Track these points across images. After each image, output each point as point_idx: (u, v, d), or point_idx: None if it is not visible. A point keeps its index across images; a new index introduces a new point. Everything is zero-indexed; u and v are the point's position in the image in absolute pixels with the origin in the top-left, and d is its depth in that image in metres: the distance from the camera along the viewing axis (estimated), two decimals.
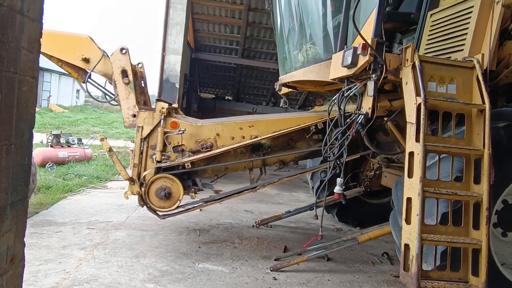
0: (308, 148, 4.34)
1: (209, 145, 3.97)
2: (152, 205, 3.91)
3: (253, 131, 4.05)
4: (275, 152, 4.32)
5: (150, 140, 3.91)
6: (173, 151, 3.94)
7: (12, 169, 1.39)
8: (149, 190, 3.89)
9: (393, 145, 4.16)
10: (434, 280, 2.45)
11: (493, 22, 2.79)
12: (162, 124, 3.88)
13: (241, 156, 4.25)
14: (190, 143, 3.98)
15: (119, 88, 3.91)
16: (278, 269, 3.80)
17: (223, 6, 10.45)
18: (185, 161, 3.93)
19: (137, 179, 3.89)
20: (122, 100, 3.92)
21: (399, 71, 2.88)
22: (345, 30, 3.47)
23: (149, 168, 3.90)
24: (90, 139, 10.97)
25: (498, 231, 3.00)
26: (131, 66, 3.92)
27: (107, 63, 3.96)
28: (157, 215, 4.06)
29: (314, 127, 4.15)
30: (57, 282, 3.17)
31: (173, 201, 3.92)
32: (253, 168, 4.37)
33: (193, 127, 3.98)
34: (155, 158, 3.89)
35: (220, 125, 4.05)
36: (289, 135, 4.25)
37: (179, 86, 7.03)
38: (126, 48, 3.92)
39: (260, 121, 4.11)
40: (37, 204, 5.45)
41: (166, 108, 3.87)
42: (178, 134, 3.90)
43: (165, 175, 3.89)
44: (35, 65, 1.51)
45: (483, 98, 2.64)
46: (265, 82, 14.31)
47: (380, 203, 5.49)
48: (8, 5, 1.26)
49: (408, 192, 2.53)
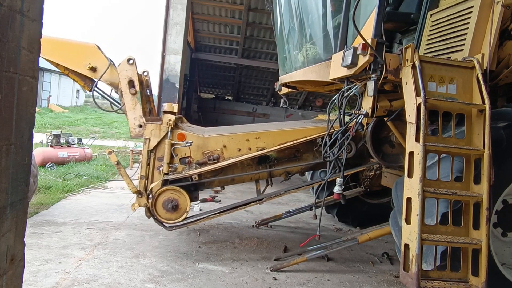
0: (314, 160, 4.34)
1: (216, 156, 3.97)
2: (159, 217, 3.90)
3: (259, 143, 4.05)
4: (281, 164, 4.32)
5: (157, 152, 3.90)
6: (180, 163, 3.94)
7: (12, 169, 1.39)
8: (156, 202, 3.88)
9: (399, 157, 4.16)
10: (434, 280, 2.44)
11: (493, 22, 2.79)
12: (169, 136, 3.87)
13: (247, 168, 4.25)
14: (197, 155, 3.97)
15: (125, 99, 3.91)
16: (278, 269, 3.80)
17: (223, 6, 10.45)
18: (192, 173, 3.93)
19: (144, 191, 3.87)
20: (128, 110, 3.91)
21: (399, 71, 2.88)
22: (345, 30, 3.47)
23: (156, 180, 3.89)
24: (90, 139, 10.97)
25: (498, 231, 3.00)
26: (137, 76, 3.92)
27: (113, 72, 3.96)
28: (164, 227, 4.05)
29: (321, 140, 4.13)
30: (57, 282, 3.18)
31: (180, 213, 3.92)
32: (260, 179, 4.36)
33: (200, 138, 3.98)
34: (162, 170, 3.87)
35: (227, 137, 4.05)
36: (296, 147, 4.26)
37: (179, 86, 7.02)
38: (133, 58, 3.92)
39: (266, 133, 4.10)
40: (37, 204, 5.45)
41: (173, 120, 3.87)
42: (185, 146, 3.90)
43: (172, 187, 3.89)
44: (35, 65, 1.51)
45: (483, 98, 2.64)
46: (265, 82, 14.30)
47: (380, 203, 5.48)
48: (8, 5, 1.26)
49: (408, 192, 2.53)
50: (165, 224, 4.02)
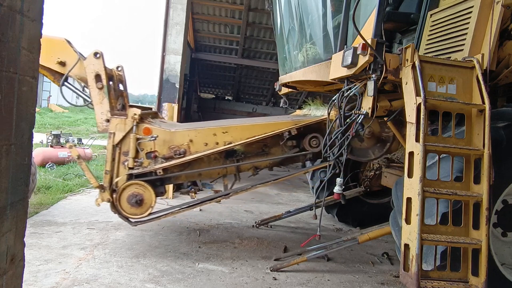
0: (282, 154, 4.28)
1: (182, 151, 3.95)
2: (123, 212, 3.86)
3: (227, 137, 4.02)
4: (249, 158, 4.27)
5: (123, 146, 3.87)
6: (146, 157, 3.90)
7: (12, 169, 1.39)
8: (120, 197, 3.84)
9: (367, 152, 4.15)
10: (434, 280, 2.44)
11: (493, 22, 2.79)
12: (134, 130, 3.84)
13: (215, 163, 4.20)
14: (163, 150, 3.94)
15: (92, 93, 3.87)
16: (278, 269, 3.80)
17: (223, 6, 10.45)
18: (157, 167, 3.89)
19: (109, 186, 3.84)
20: (95, 105, 3.87)
21: (399, 71, 2.88)
22: (345, 30, 3.47)
23: (121, 174, 3.87)
24: (90, 139, 10.97)
25: (498, 231, 3.00)
26: (105, 71, 3.86)
27: (83, 67, 3.90)
28: (129, 222, 4.01)
29: (288, 133, 4.11)
30: (57, 282, 3.18)
31: (145, 208, 3.88)
32: (228, 174, 4.33)
33: (166, 133, 3.95)
34: (127, 164, 3.85)
35: (194, 131, 4.03)
36: (264, 141, 4.21)
37: (179, 86, 7.03)
38: (100, 52, 3.86)
39: (234, 127, 4.08)
40: (37, 204, 5.45)
41: (139, 114, 3.83)
42: (150, 140, 3.87)
43: (136, 181, 3.85)
44: (35, 65, 1.51)
45: (483, 98, 2.64)
46: (265, 82, 14.31)
47: (380, 203, 5.48)
48: (8, 5, 1.26)
49: (408, 192, 2.53)
50: (130, 220, 3.98)
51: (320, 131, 4.21)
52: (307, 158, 4.38)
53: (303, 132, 4.19)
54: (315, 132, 4.20)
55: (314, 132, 4.19)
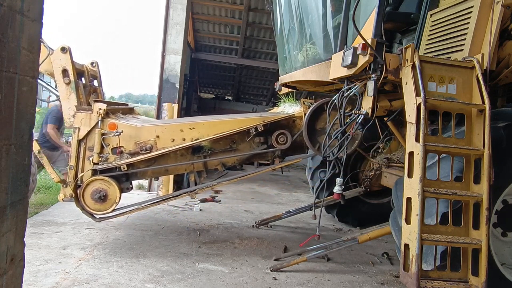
0: (250, 151, 4.28)
1: (148, 147, 3.94)
2: (87, 207, 3.85)
3: (194, 133, 4.02)
4: (216, 155, 4.26)
5: (88, 141, 3.86)
6: (111, 153, 3.89)
7: (12, 169, 1.39)
8: (84, 193, 3.82)
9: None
10: (434, 280, 2.45)
11: (493, 22, 2.79)
12: (99, 125, 3.82)
13: (181, 159, 4.19)
14: (129, 145, 3.93)
15: (59, 88, 3.85)
16: (278, 269, 3.80)
17: (223, 6, 10.45)
18: (121, 163, 3.88)
19: (74, 181, 3.83)
20: (62, 100, 3.85)
21: (399, 71, 2.88)
22: (345, 30, 3.47)
23: (86, 170, 3.86)
24: None
25: (498, 231, 3.00)
26: (72, 66, 3.84)
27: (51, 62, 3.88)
28: (93, 218, 3.99)
29: (254, 130, 4.10)
30: (57, 282, 3.18)
31: (109, 204, 3.86)
32: (195, 170, 4.33)
33: (132, 128, 3.94)
34: (92, 160, 3.84)
35: (161, 127, 4.03)
36: (231, 138, 4.20)
37: (179, 86, 7.02)
38: (67, 47, 3.85)
39: (201, 123, 4.07)
40: (37, 204, 5.46)
41: (104, 109, 3.81)
42: (114, 135, 3.85)
43: (101, 177, 3.83)
44: (35, 65, 1.51)
45: (483, 98, 2.64)
46: (265, 82, 14.32)
47: (380, 203, 5.48)
48: (8, 5, 1.26)
49: (408, 192, 2.53)
50: (94, 215, 3.96)
51: (288, 128, 4.22)
52: (275, 155, 4.35)
53: (270, 129, 4.18)
54: (283, 129, 4.19)
55: (282, 129, 4.18)
